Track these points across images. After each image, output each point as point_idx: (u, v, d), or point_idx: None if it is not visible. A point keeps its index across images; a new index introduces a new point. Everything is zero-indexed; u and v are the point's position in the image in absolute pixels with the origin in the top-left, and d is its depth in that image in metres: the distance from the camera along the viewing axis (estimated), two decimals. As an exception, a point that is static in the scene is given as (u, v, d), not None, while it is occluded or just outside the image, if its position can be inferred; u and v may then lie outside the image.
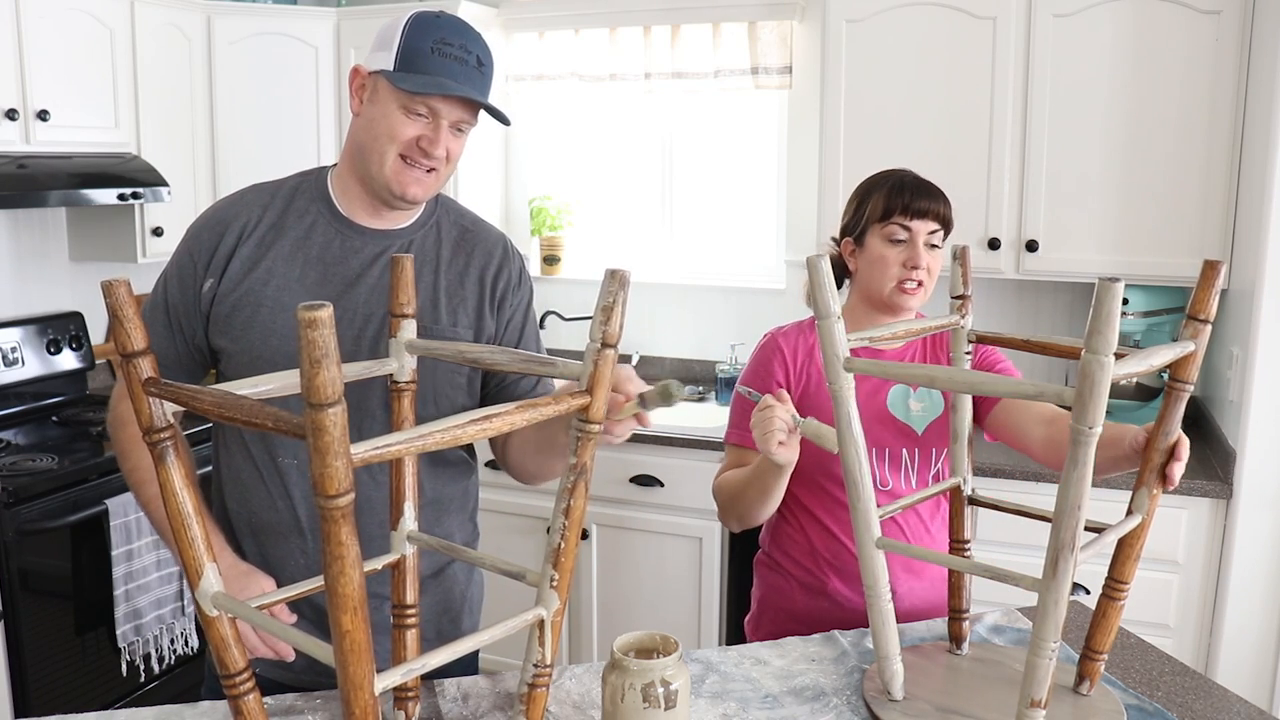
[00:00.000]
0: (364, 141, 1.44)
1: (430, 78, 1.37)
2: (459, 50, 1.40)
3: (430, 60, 1.38)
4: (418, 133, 1.41)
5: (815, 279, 1.24)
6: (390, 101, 1.40)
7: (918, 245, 1.70)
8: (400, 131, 1.40)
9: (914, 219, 1.69)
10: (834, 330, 1.24)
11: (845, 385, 1.26)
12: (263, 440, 1.46)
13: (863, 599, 1.35)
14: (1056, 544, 1.07)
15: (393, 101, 1.39)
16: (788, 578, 1.76)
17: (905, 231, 1.70)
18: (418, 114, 1.40)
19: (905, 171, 1.76)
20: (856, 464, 1.28)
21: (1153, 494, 1.29)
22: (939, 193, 1.72)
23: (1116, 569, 1.32)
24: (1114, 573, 1.32)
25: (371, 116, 1.42)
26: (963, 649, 1.48)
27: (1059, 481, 1.07)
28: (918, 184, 1.72)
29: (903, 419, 1.72)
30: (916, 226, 1.69)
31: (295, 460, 1.46)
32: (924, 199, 1.70)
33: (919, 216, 1.69)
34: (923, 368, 1.35)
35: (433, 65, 1.38)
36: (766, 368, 1.77)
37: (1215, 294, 1.24)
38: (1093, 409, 0.98)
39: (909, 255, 1.69)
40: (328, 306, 0.76)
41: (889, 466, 1.71)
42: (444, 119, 1.40)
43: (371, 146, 1.42)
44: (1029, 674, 1.13)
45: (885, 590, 1.30)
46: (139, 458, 1.43)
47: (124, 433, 1.48)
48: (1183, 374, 1.23)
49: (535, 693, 1.08)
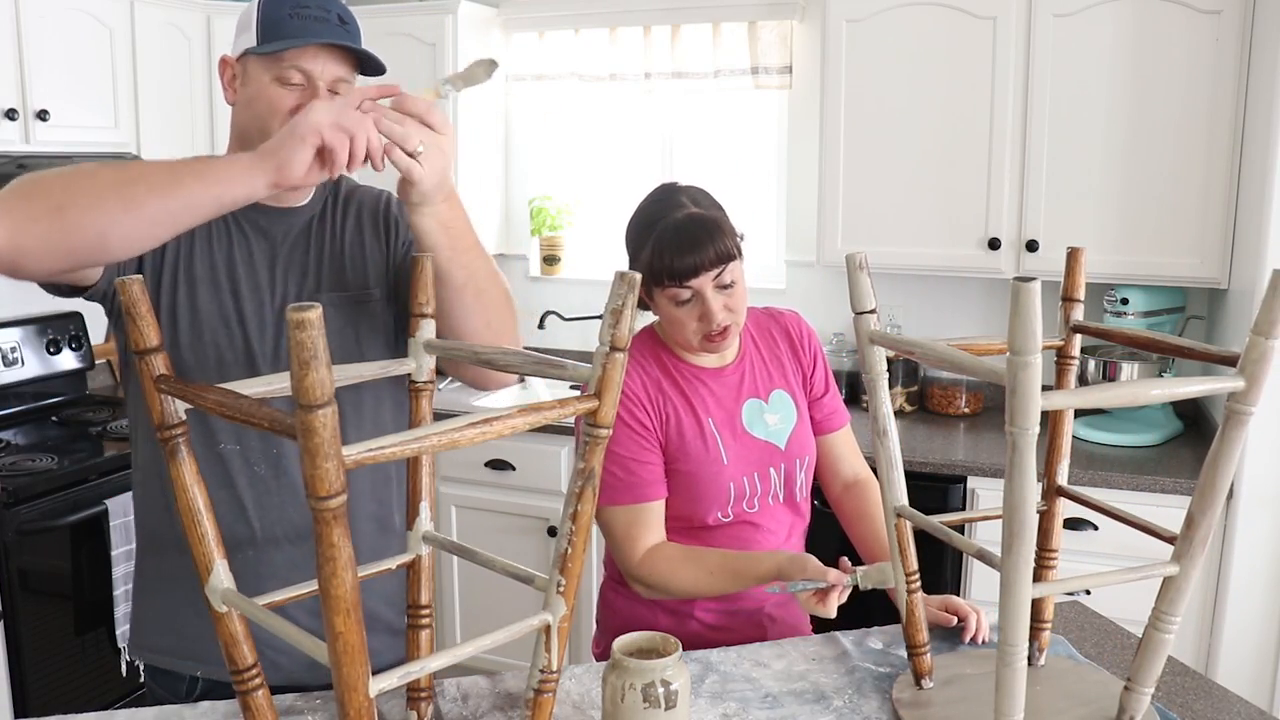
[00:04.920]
0: (245, 124, 1.41)
1: (292, 38, 1.35)
2: (317, 10, 1.37)
3: (290, 24, 1.35)
4: (296, 100, 1.37)
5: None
6: (262, 75, 1.37)
7: (706, 298, 1.52)
8: (280, 103, 1.37)
9: (687, 279, 1.51)
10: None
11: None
12: (202, 427, 1.42)
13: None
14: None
15: (265, 74, 1.37)
16: (651, 606, 1.63)
17: (687, 291, 1.53)
18: (292, 83, 1.37)
19: (669, 217, 1.53)
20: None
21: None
22: (706, 232, 1.51)
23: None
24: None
25: (247, 98, 1.40)
26: (924, 683, 1.37)
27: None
28: (680, 237, 1.50)
29: (763, 436, 1.64)
30: (696, 283, 1.52)
31: (238, 447, 1.43)
32: (689, 254, 1.49)
33: (692, 275, 1.51)
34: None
35: (293, 28, 1.35)
36: (629, 413, 1.57)
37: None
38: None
39: (701, 311, 1.53)
40: (316, 308, 0.75)
41: (760, 493, 1.63)
42: (320, 80, 1.37)
43: (253, 126, 1.38)
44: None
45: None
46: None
47: None
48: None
49: (542, 699, 1.08)
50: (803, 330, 1.75)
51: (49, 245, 1.16)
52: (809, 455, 1.69)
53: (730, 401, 1.64)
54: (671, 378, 1.62)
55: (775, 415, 1.66)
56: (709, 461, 1.59)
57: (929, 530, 1.25)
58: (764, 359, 1.70)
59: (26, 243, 1.15)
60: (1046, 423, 1.23)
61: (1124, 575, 1.14)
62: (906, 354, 1.19)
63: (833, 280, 3.40)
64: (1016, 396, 0.96)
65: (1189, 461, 2.70)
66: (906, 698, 1.34)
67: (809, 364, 1.73)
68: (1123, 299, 2.85)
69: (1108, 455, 2.76)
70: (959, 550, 2.07)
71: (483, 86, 1.44)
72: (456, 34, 3.38)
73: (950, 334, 3.23)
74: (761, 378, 1.67)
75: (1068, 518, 1.80)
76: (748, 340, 1.70)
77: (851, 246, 2.85)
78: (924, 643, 1.35)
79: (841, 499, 1.75)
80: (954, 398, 3.22)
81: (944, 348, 1.11)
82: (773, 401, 1.67)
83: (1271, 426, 2.43)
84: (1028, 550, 1.02)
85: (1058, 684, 1.37)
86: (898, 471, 1.30)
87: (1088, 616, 1.65)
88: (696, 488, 1.60)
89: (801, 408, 1.70)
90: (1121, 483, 2.56)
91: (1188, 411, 3.06)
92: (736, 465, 1.61)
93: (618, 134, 3.73)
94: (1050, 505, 1.37)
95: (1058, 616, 1.56)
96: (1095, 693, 1.34)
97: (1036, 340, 0.95)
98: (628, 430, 1.57)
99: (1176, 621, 1.16)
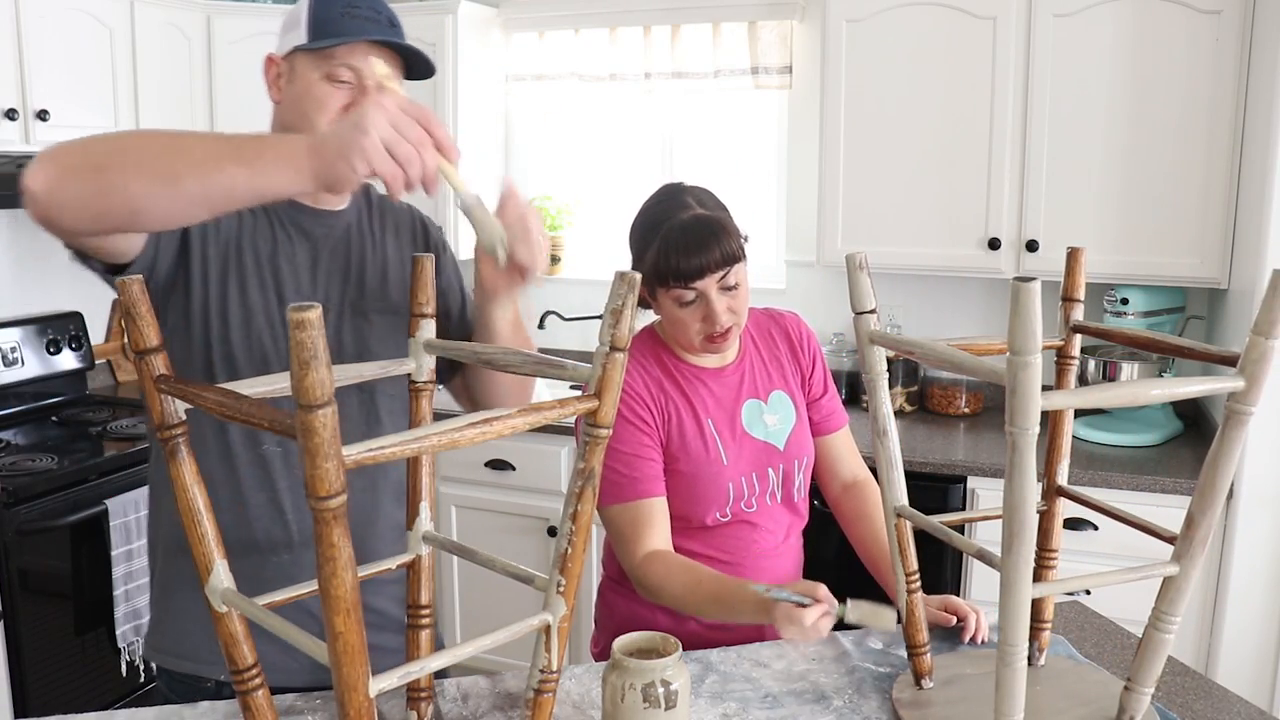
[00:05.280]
0: (291, 123, 1.39)
1: (345, 36, 1.34)
2: (368, 11, 1.37)
3: (342, 22, 1.35)
4: (346, 99, 1.36)
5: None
6: (311, 73, 1.36)
7: (710, 300, 1.52)
8: (328, 101, 1.36)
9: (693, 280, 1.52)
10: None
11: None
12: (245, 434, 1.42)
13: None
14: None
15: (314, 72, 1.36)
16: (650, 605, 1.60)
17: (691, 292, 1.53)
18: (341, 80, 1.36)
19: (674, 218, 1.53)
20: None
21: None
22: (712, 233, 1.51)
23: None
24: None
25: (294, 96, 1.38)
26: (924, 683, 1.37)
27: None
28: (685, 238, 1.50)
29: (762, 437, 1.64)
30: (700, 285, 1.52)
31: (280, 449, 1.42)
32: (695, 255, 1.49)
33: (697, 276, 1.51)
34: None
35: (345, 26, 1.35)
36: (631, 410, 1.58)
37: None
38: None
39: (705, 312, 1.53)
40: (316, 308, 0.75)
41: (758, 493, 1.63)
42: (368, 79, 1.36)
43: (300, 125, 1.37)
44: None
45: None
46: None
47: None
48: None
49: (541, 699, 1.08)
50: (802, 331, 1.75)
51: (82, 203, 1.13)
52: (807, 456, 1.69)
53: (730, 402, 1.64)
54: (672, 377, 1.62)
55: (774, 416, 1.66)
56: (709, 462, 1.59)
57: (929, 530, 1.25)
58: (763, 360, 1.70)
59: (62, 196, 1.13)
60: (1046, 423, 1.23)
61: (1124, 575, 1.14)
62: (906, 354, 1.19)
63: (833, 280, 3.40)
64: (1016, 396, 0.97)
65: (1189, 461, 2.70)
66: (906, 698, 1.34)
67: (808, 365, 1.73)
68: (1123, 299, 2.85)
69: (1108, 455, 2.76)
70: (959, 550, 2.07)
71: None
72: (456, 34, 3.38)
73: (950, 334, 3.23)
74: (761, 378, 1.68)
75: (1068, 518, 1.81)
76: (747, 341, 1.70)
77: (851, 246, 2.85)
78: (924, 643, 1.35)
79: (840, 500, 1.75)
80: (954, 398, 3.22)
81: (944, 348, 1.11)
82: (772, 402, 1.67)
83: (1271, 426, 2.43)
84: (1028, 550, 1.02)
85: (1058, 684, 1.37)
86: (898, 471, 1.30)
87: (1088, 616, 1.65)
88: (696, 488, 1.60)
89: (800, 409, 1.70)
90: (1121, 483, 2.56)
91: (1188, 411, 3.06)
92: (735, 466, 1.61)
93: (618, 134, 3.73)
94: (1050, 505, 1.37)
95: (1058, 616, 1.56)
96: (1095, 693, 1.34)
97: (1036, 340, 0.95)
98: (630, 427, 1.57)
99: (1176, 621, 1.16)
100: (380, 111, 1.10)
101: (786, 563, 1.70)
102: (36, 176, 1.13)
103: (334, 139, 1.12)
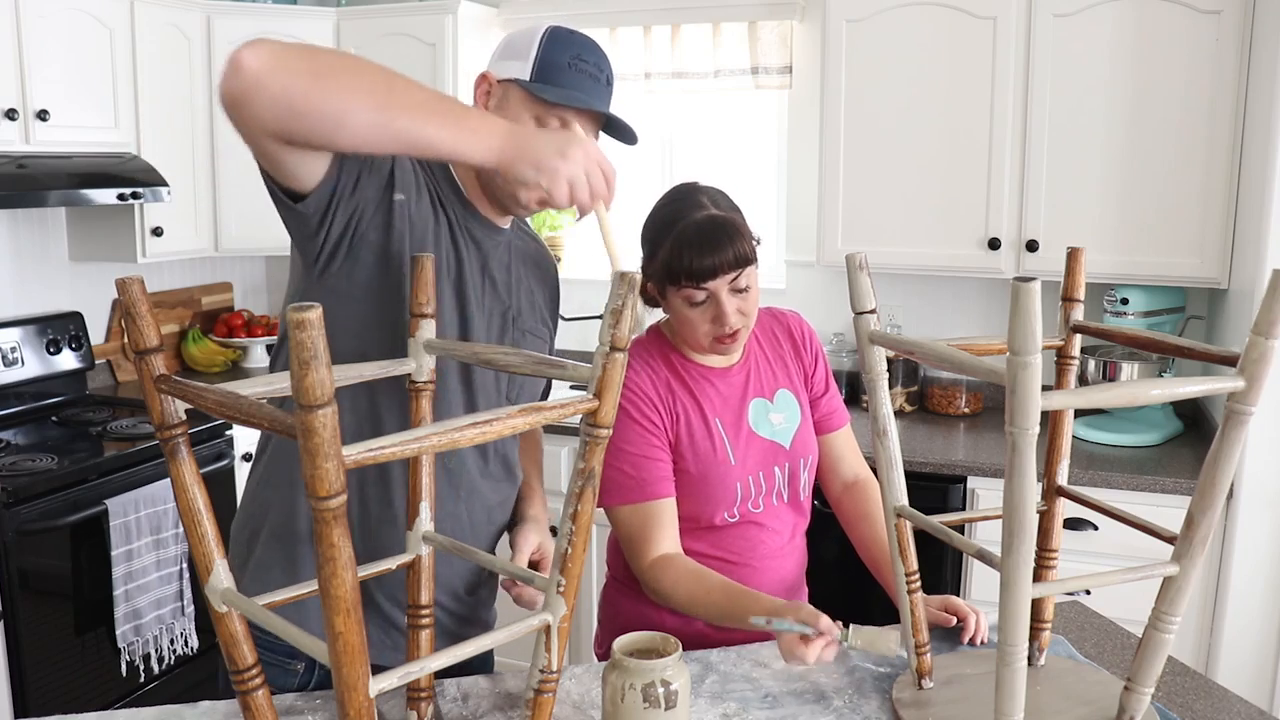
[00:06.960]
0: None
1: (569, 91, 1.39)
2: (593, 68, 1.43)
3: (567, 74, 1.40)
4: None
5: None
6: (523, 111, 1.41)
7: (720, 301, 1.52)
8: None
9: (704, 281, 1.51)
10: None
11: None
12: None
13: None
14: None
15: (525, 111, 1.40)
16: (656, 605, 1.59)
17: (702, 293, 1.52)
18: (548, 125, 1.41)
19: (688, 217, 1.53)
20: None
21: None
22: (726, 235, 1.50)
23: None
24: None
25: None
26: (924, 683, 1.37)
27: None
28: (700, 238, 1.50)
29: (768, 436, 1.64)
30: (712, 285, 1.51)
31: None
32: (708, 255, 1.49)
33: (709, 277, 1.51)
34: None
35: (570, 80, 1.40)
36: (639, 411, 1.58)
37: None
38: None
39: (715, 313, 1.53)
40: (317, 308, 0.75)
41: (764, 492, 1.63)
42: (575, 128, 1.41)
43: None
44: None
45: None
46: None
47: None
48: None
49: (541, 699, 1.08)
50: (804, 330, 1.75)
51: (287, 97, 1.12)
52: (812, 455, 1.69)
53: (736, 401, 1.64)
54: (680, 377, 1.62)
55: (780, 415, 1.66)
56: (717, 462, 1.59)
57: (929, 530, 1.25)
58: (768, 359, 1.70)
59: (272, 83, 1.12)
60: (1046, 423, 1.23)
61: (1124, 575, 1.14)
62: (906, 354, 1.19)
63: (833, 280, 3.40)
64: (1016, 396, 0.97)
65: (1189, 461, 2.70)
66: (906, 698, 1.34)
67: (810, 363, 1.73)
68: (1123, 299, 2.85)
69: (1108, 455, 2.76)
70: (959, 550, 2.07)
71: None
72: (456, 34, 3.38)
73: (950, 334, 3.23)
74: (766, 377, 1.68)
75: (1068, 518, 1.81)
76: (752, 340, 1.70)
77: (851, 246, 2.86)
78: (924, 643, 1.35)
79: (841, 499, 1.75)
80: (954, 398, 3.22)
81: (944, 348, 1.11)
82: (777, 401, 1.67)
83: (1271, 426, 2.43)
84: (1028, 550, 1.02)
85: (1058, 684, 1.37)
86: (897, 471, 1.30)
87: (1088, 616, 1.65)
88: (705, 488, 1.60)
89: (805, 407, 1.70)
90: (1121, 483, 2.56)
91: (1188, 411, 3.06)
92: (743, 465, 1.61)
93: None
94: (1050, 505, 1.37)
95: (1058, 616, 1.56)
96: (1095, 693, 1.34)
97: (1036, 340, 0.95)
98: (638, 428, 1.57)
99: (1176, 621, 1.16)
100: (584, 150, 1.20)
101: (791, 563, 1.70)
102: (254, 56, 1.12)
103: (536, 142, 1.21)
